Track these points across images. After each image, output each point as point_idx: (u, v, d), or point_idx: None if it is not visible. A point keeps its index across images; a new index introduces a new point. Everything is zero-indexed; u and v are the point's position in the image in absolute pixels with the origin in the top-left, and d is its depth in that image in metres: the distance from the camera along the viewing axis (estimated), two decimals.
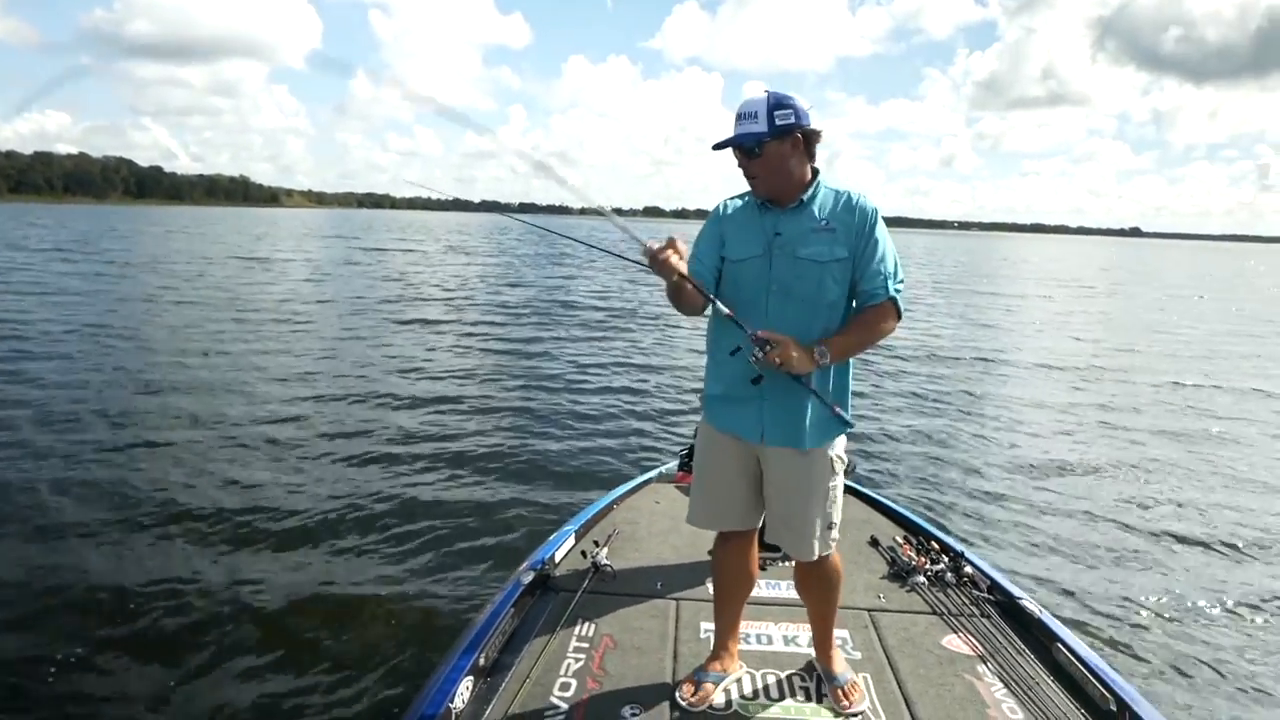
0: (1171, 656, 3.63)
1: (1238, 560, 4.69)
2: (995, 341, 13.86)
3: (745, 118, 2.02)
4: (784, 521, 2.21)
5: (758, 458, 2.20)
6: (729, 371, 2.11)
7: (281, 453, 6.14)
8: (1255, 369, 11.96)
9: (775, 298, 2.06)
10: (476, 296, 18.27)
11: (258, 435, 6.54)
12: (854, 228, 2.05)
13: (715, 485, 2.28)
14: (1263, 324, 19.19)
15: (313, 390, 8.24)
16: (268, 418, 7.08)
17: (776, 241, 2.05)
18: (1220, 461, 6.75)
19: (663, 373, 10.05)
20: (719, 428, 2.22)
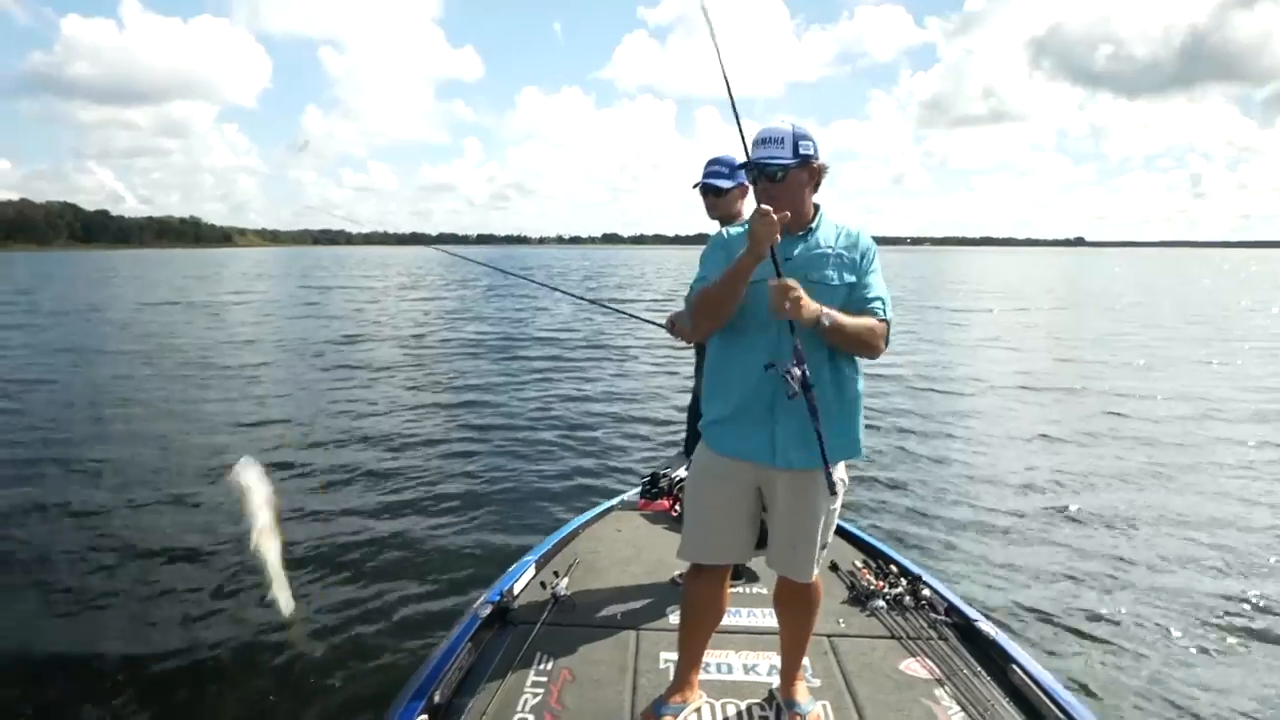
0: (1126, 676, 3.67)
1: (1192, 578, 4.75)
2: (950, 359, 14.06)
3: (770, 143, 2.08)
4: (791, 545, 2.21)
5: (759, 486, 2.18)
6: (739, 392, 2.11)
7: (215, 494, 5.99)
8: (1206, 379, 12.23)
9: (786, 321, 2.08)
10: (430, 332, 18.07)
11: (180, 482, 6.36)
12: (856, 258, 2.14)
13: (713, 517, 2.24)
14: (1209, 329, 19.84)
15: (246, 437, 8.00)
16: (188, 467, 6.82)
17: (787, 266, 2.08)
18: (1175, 478, 6.85)
19: (624, 403, 10.02)
20: (723, 451, 2.19)
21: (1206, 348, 15.91)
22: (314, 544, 5.09)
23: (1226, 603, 4.42)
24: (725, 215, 3.07)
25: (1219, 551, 5.15)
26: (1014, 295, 33.59)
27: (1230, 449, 7.80)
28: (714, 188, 3.07)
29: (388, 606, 4.24)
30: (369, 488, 6.29)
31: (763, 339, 2.09)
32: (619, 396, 10.40)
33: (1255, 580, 4.71)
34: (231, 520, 5.50)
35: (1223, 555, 5.09)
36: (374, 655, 3.75)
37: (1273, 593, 4.53)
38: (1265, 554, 5.10)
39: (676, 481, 4.06)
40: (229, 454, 7.14)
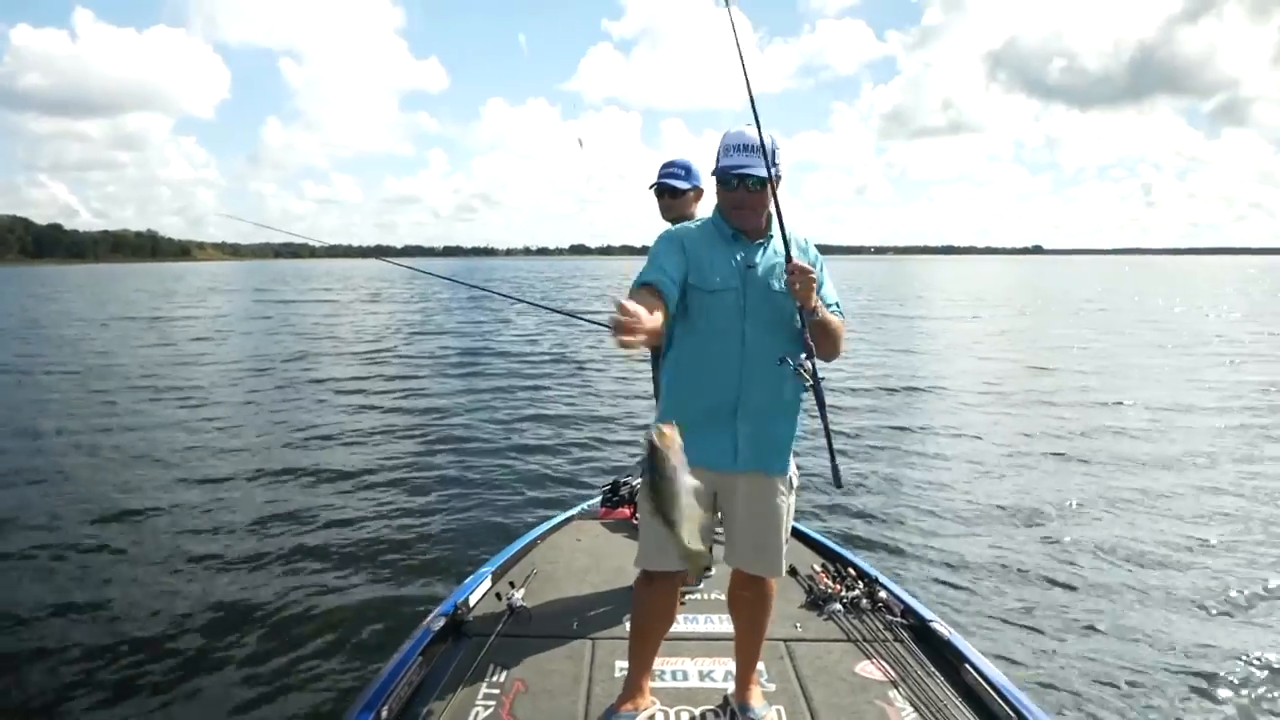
0: (1076, 673, 3.73)
1: (1142, 578, 4.84)
2: (906, 366, 14.22)
3: (748, 150, 2.08)
4: (757, 546, 2.22)
5: (715, 491, 2.18)
6: (703, 399, 2.10)
7: (160, 515, 5.88)
8: (1161, 383, 12.49)
9: (751, 326, 2.10)
10: (387, 345, 17.83)
11: (105, 504, 6.14)
12: (810, 261, 2.15)
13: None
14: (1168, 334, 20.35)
15: (190, 455, 7.78)
16: (117, 496, 6.46)
17: (750, 275, 2.11)
18: (1127, 479, 6.99)
19: (586, 412, 9.99)
20: None
21: (1164, 352, 16.32)
22: (264, 558, 5.01)
23: (1176, 600, 4.53)
24: (679, 217, 3.10)
25: (1171, 550, 5.27)
26: (978, 302, 34.26)
27: (1184, 451, 7.97)
28: (670, 188, 3.13)
29: (340, 622, 4.17)
30: (323, 500, 6.19)
31: (725, 345, 2.10)
32: (580, 406, 10.37)
33: (1205, 577, 4.82)
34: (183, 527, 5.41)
35: (1174, 554, 5.21)
36: (324, 671, 3.69)
37: (1223, 589, 4.64)
38: (1217, 551, 5.23)
39: (637, 489, 4.05)
40: (154, 479, 6.92)
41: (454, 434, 8.53)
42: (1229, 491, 6.58)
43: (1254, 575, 4.85)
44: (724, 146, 2.11)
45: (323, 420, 9.30)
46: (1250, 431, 8.83)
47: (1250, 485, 6.74)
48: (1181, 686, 3.64)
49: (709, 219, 2.23)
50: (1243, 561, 5.09)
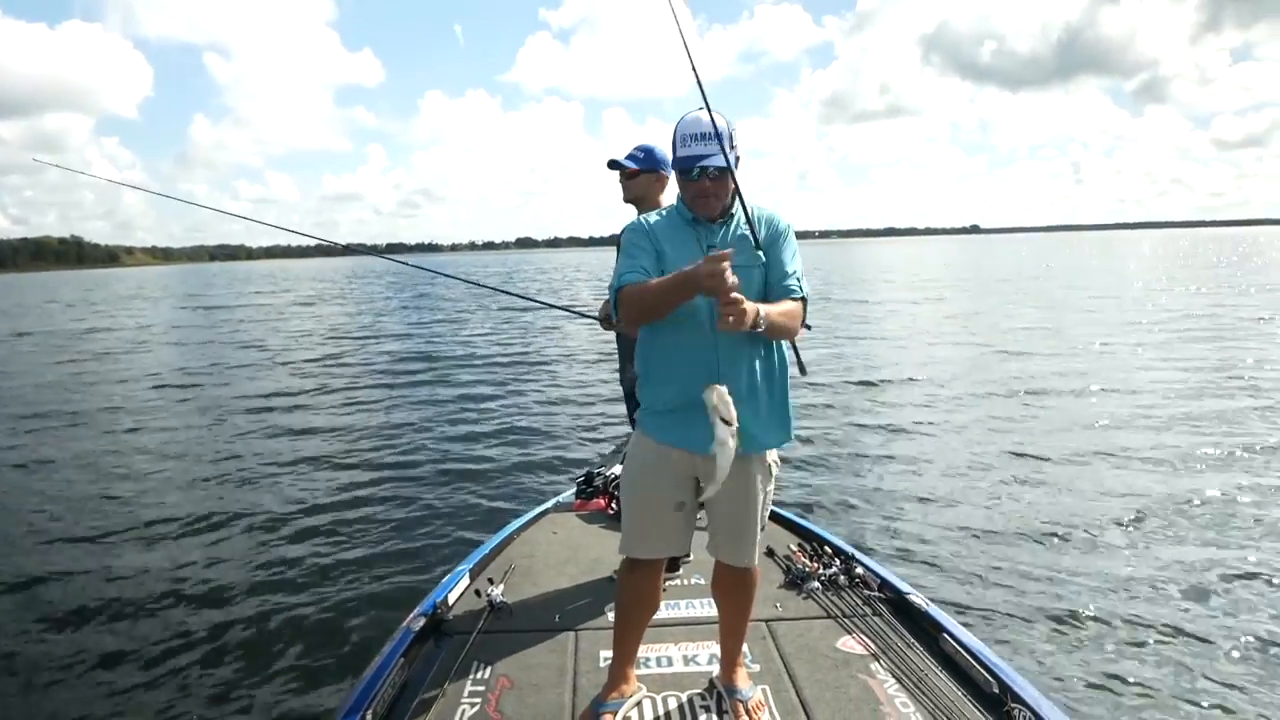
0: (1048, 636, 3.87)
1: (1105, 545, 5.01)
2: (862, 349, 14.48)
3: (708, 138, 2.07)
4: (731, 532, 2.22)
5: (695, 476, 2.18)
6: (684, 382, 2.07)
7: (123, 522, 5.70)
8: (1112, 354, 12.88)
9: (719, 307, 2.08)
10: (342, 344, 17.45)
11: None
12: (769, 235, 2.16)
13: (653, 508, 2.23)
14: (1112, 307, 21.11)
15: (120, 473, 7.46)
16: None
17: (711, 254, 2.06)
18: (1087, 449, 7.23)
19: (554, 405, 9.94)
20: (664, 441, 2.17)
21: (1108, 325, 16.88)
22: (238, 566, 4.92)
23: (1140, 565, 4.69)
24: (638, 198, 3.14)
25: (1134, 518, 5.45)
26: (928, 283, 34.73)
27: (1143, 420, 8.28)
28: (618, 165, 3.14)
29: (318, 627, 4.11)
30: (290, 507, 6.05)
31: (698, 330, 2.09)
32: (548, 399, 10.31)
33: (1170, 546, 5.01)
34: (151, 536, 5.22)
35: (1136, 522, 5.39)
36: (304, 677, 3.63)
37: (1186, 556, 4.82)
38: (1179, 520, 5.41)
39: (611, 480, 4.05)
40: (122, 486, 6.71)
41: (420, 434, 8.39)
42: (1185, 453, 6.91)
43: (1220, 533, 5.08)
44: (679, 136, 2.11)
45: (286, 427, 9.04)
46: (1212, 399, 9.15)
47: (1205, 443, 7.10)
48: (1151, 643, 3.80)
49: (673, 206, 2.23)
50: (1204, 520, 5.35)
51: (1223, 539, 5.03)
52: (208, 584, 4.68)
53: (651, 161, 3.11)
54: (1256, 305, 20.09)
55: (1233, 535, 5.08)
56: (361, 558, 4.99)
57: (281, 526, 5.60)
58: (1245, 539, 5.02)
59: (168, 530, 5.61)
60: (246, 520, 5.77)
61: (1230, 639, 3.81)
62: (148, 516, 5.91)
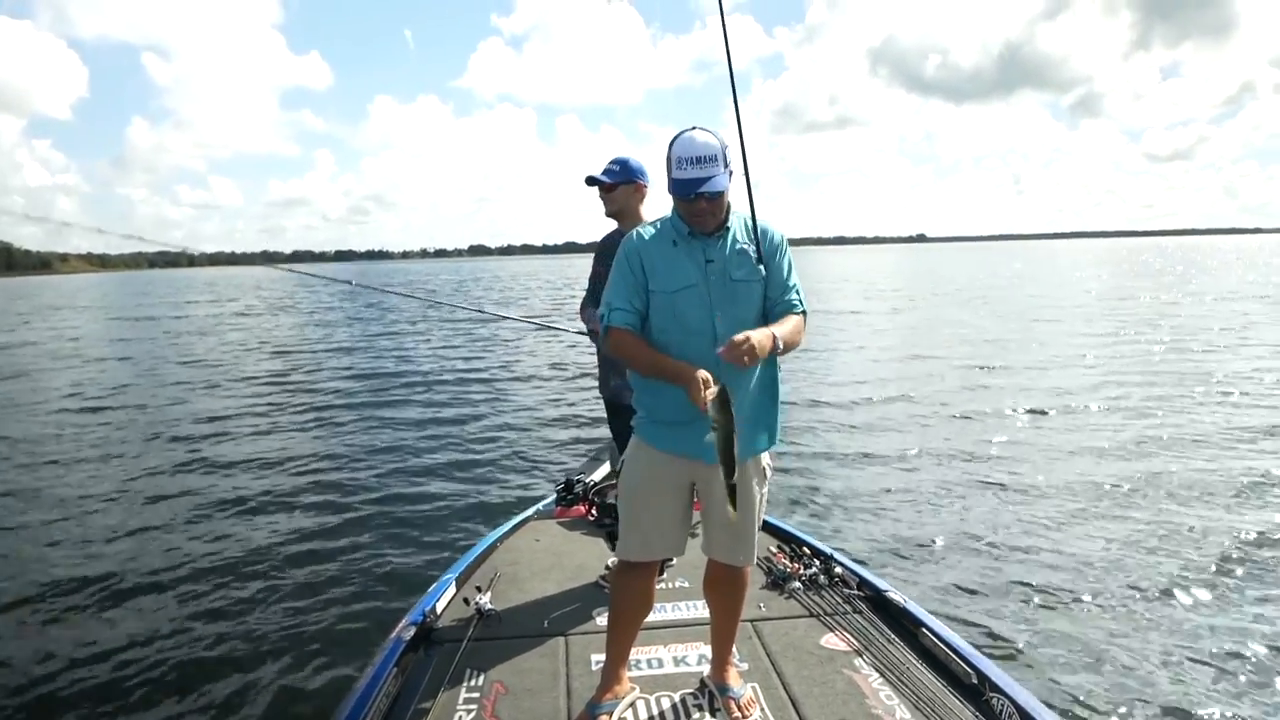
0: (1022, 627, 4.04)
1: (1074, 538, 5.23)
2: (833, 354, 14.75)
3: (706, 161, 2.07)
4: (734, 534, 2.28)
5: (692, 481, 2.25)
6: (683, 393, 2.05)
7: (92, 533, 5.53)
8: (1072, 359, 13.28)
9: (721, 320, 2.14)
10: (307, 355, 17.00)
11: None
12: (767, 249, 2.21)
13: (652, 513, 2.28)
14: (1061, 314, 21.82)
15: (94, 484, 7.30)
16: None
17: (711, 268, 2.15)
18: (1051, 442, 7.57)
19: (529, 413, 9.90)
20: (663, 448, 2.23)
21: (1062, 330, 17.49)
22: (222, 583, 4.83)
23: (1109, 556, 4.91)
24: (616, 211, 3.19)
25: (1100, 513, 5.69)
26: (885, 292, 35.10)
27: (1110, 419, 8.64)
28: (595, 180, 3.20)
29: (306, 641, 4.06)
30: (274, 520, 5.96)
31: (700, 341, 2.14)
32: (523, 408, 10.27)
33: (1136, 539, 5.22)
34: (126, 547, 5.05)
35: (1104, 517, 5.62)
36: (296, 690, 3.61)
37: (1156, 546, 5.05)
38: (1148, 511, 5.65)
39: (591, 487, 4.09)
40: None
41: (394, 447, 8.26)
42: (1148, 447, 7.28)
43: (1183, 531, 5.30)
44: (674, 159, 2.10)
45: (258, 442, 8.80)
46: (1175, 395, 9.65)
47: (1169, 436, 7.50)
48: (1122, 631, 3.99)
49: (668, 219, 2.25)
50: (1174, 509, 5.66)
51: (1194, 528, 5.29)
52: (191, 601, 4.58)
53: (627, 173, 3.16)
54: (1219, 313, 20.57)
55: (1203, 524, 5.34)
56: (345, 569, 4.95)
57: (260, 542, 5.48)
58: (1214, 527, 5.28)
59: (148, 546, 5.46)
60: (224, 536, 5.64)
61: (1201, 625, 4.02)
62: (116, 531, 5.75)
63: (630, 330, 2.16)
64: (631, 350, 2.15)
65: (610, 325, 2.18)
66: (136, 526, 5.83)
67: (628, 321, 2.16)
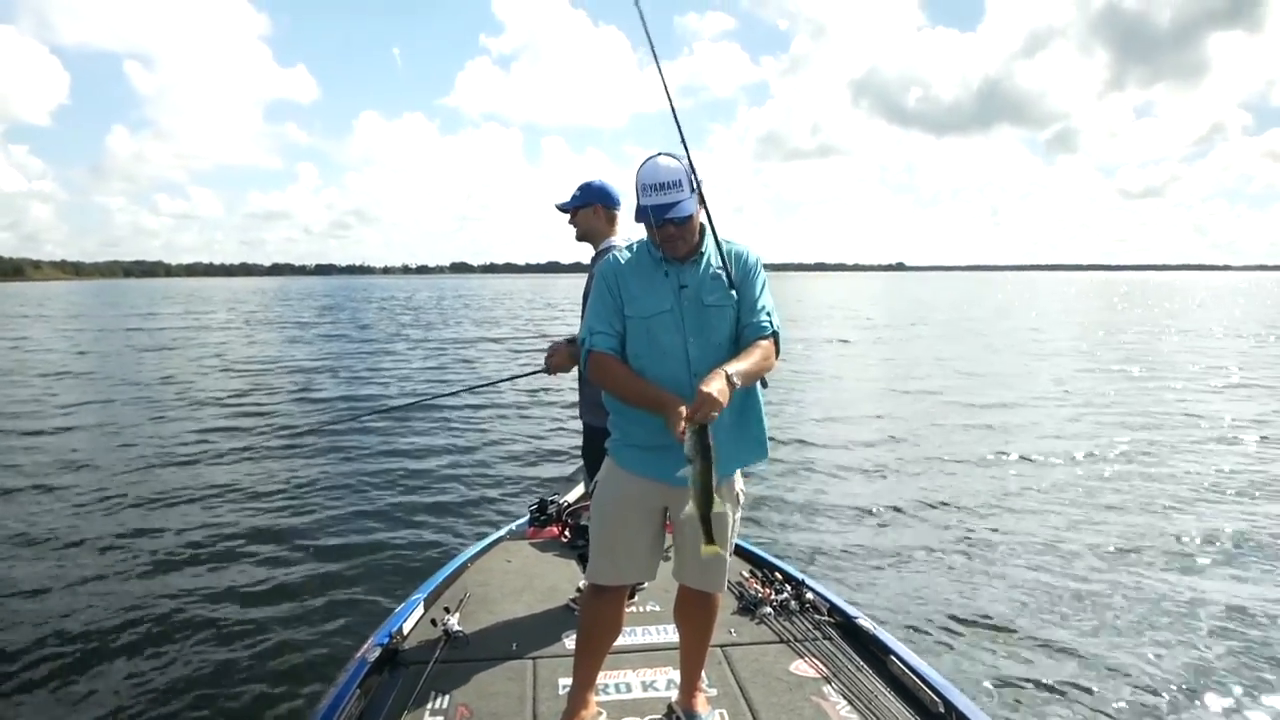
0: (991, 657, 4.05)
1: (1041, 566, 5.26)
2: (803, 375, 14.87)
3: (670, 187, 2.07)
4: (704, 561, 2.22)
5: (665, 505, 2.23)
6: (657, 417, 2.05)
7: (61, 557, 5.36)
8: (1047, 386, 13.52)
9: (693, 345, 2.14)
10: (271, 374, 16.61)
11: None
12: (740, 272, 2.21)
13: (623, 537, 2.26)
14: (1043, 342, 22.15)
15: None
16: None
17: (684, 293, 2.16)
18: (1032, 475, 7.61)
19: (503, 433, 9.83)
20: (636, 472, 2.21)
21: (1049, 364, 17.60)
22: (185, 597, 4.74)
23: (1081, 591, 4.91)
24: (587, 232, 3.21)
25: (1077, 548, 5.70)
26: (866, 320, 35.27)
27: (1092, 455, 8.62)
28: (562, 208, 3.22)
29: (268, 659, 3.97)
30: (241, 536, 5.85)
31: (673, 365, 2.15)
32: (496, 427, 10.19)
33: (1111, 574, 5.23)
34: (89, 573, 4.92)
35: (1080, 552, 5.63)
36: (258, 710, 3.52)
37: (1124, 572, 5.10)
38: (1120, 548, 5.63)
39: (565, 508, 4.06)
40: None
41: (367, 463, 8.14)
42: (1130, 483, 7.31)
43: (1158, 569, 5.30)
44: (640, 185, 2.10)
45: (229, 456, 8.66)
46: (1154, 429, 9.77)
47: (1142, 469, 7.60)
48: (1087, 655, 4.01)
49: (643, 243, 2.26)
50: (1141, 536, 5.74)
51: (1164, 555, 5.34)
52: (156, 616, 4.48)
53: (587, 196, 3.17)
54: (1210, 348, 20.82)
55: (1172, 549, 5.41)
56: (313, 587, 4.86)
57: (228, 556, 5.40)
58: (1188, 550, 5.35)
59: (97, 560, 5.34)
60: (190, 550, 5.54)
61: (1176, 661, 4.02)
62: (71, 542, 5.63)
63: (612, 354, 2.17)
64: (616, 375, 2.15)
65: (592, 349, 2.18)
66: (93, 548, 5.65)
67: (609, 345, 2.16)
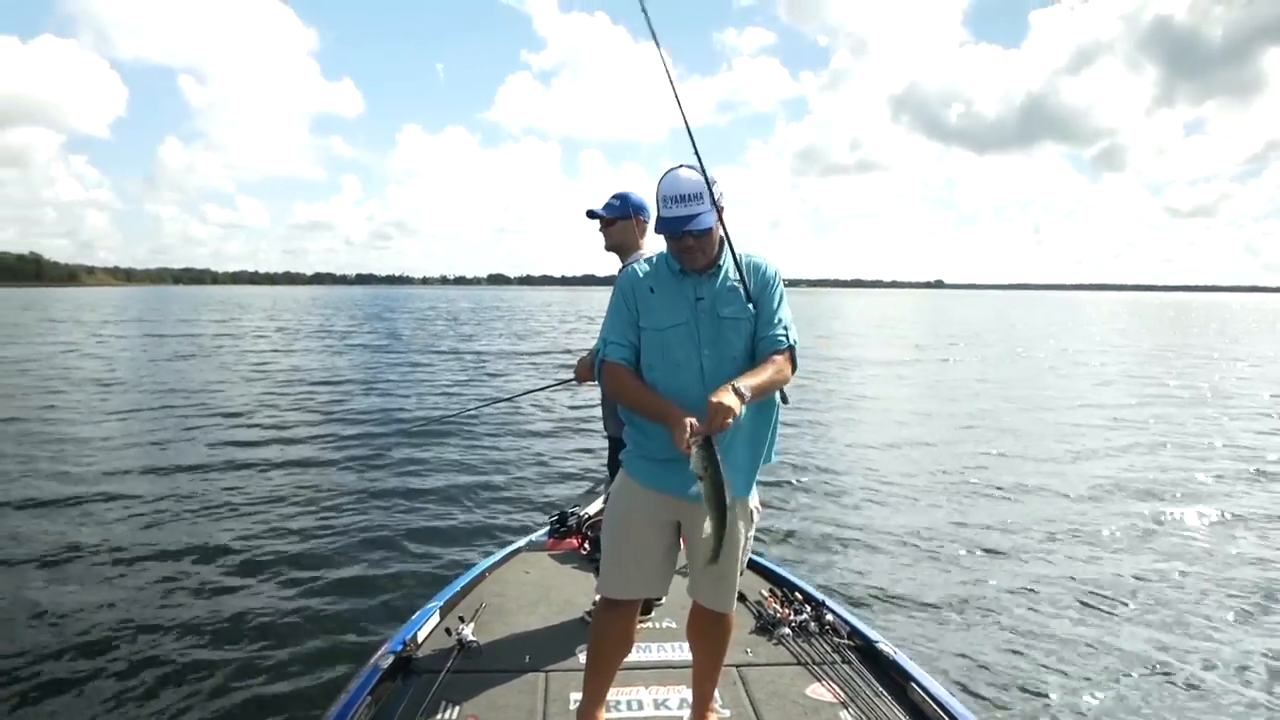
0: (1013, 689, 3.89)
1: (1069, 591, 5.09)
2: (837, 394, 14.64)
3: (690, 199, 2.07)
4: (715, 576, 2.23)
5: (678, 520, 2.21)
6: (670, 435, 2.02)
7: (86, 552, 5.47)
8: (1080, 412, 12.97)
9: (708, 358, 2.13)
10: (308, 378, 16.94)
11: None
12: (758, 285, 2.19)
13: (634, 550, 2.24)
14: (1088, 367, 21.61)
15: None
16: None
17: (700, 305, 2.15)
18: (1056, 503, 7.31)
19: (528, 443, 9.84)
20: (649, 485, 2.20)
21: (1073, 381, 17.22)
22: (204, 599, 4.79)
23: (1103, 613, 4.77)
24: (618, 244, 3.19)
25: (1096, 566, 5.55)
26: (900, 336, 34.65)
27: (1107, 472, 8.43)
28: (595, 214, 3.21)
29: (283, 664, 3.98)
30: (260, 538, 5.91)
31: (687, 377, 2.13)
32: (521, 438, 10.21)
33: (1132, 589, 5.11)
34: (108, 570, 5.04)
35: (1100, 568, 5.49)
36: (270, 713, 3.54)
37: (1159, 608, 4.89)
38: (1156, 587, 5.31)
39: (585, 520, 4.04)
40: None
41: (393, 471, 8.21)
42: (1177, 520, 6.84)
43: (1196, 590, 5.15)
44: (660, 198, 2.11)
45: (256, 457, 8.81)
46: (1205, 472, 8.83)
47: (1194, 517, 6.95)
48: (1121, 693, 3.85)
49: (662, 255, 2.25)
50: (1179, 576, 5.44)
51: (1225, 608, 4.96)
52: (171, 614, 4.54)
53: (626, 208, 3.15)
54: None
55: (1222, 602, 5.04)
56: (333, 593, 4.89)
57: (249, 560, 5.45)
58: (1260, 606, 4.96)
59: (125, 564, 5.40)
60: (210, 552, 5.60)
61: (1207, 704, 3.85)
62: (99, 547, 5.67)
63: (625, 365, 2.17)
64: (625, 385, 2.16)
65: (606, 360, 2.19)
66: (118, 551, 5.70)
67: (623, 357, 2.17)
